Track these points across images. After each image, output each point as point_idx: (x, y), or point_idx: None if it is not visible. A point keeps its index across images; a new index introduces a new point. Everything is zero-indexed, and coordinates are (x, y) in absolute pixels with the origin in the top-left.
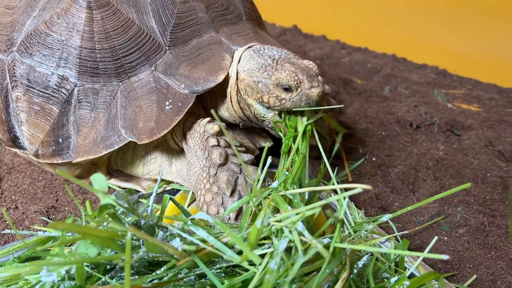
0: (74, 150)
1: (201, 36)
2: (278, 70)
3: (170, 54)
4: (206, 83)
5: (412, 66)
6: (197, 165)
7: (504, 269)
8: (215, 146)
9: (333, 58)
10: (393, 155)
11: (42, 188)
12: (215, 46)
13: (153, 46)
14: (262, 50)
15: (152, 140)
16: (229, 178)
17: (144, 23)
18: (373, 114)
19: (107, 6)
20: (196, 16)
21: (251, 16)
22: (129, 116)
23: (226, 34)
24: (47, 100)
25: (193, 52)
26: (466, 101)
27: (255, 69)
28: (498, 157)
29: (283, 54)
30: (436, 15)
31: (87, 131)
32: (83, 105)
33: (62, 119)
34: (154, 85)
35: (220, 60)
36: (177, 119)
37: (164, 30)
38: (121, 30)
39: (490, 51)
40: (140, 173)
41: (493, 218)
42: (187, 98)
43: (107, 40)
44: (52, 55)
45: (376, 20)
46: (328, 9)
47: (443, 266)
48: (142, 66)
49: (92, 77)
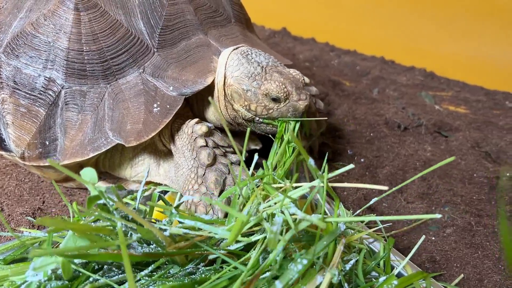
0: (61, 153)
1: (189, 38)
2: (267, 80)
3: (159, 56)
4: (194, 85)
5: (400, 68)
6: (185, 166)
7: (490, 268)
8: (203, 146)
9: (322, 61)
10: (381, 156)
11: (28, 190)
12: (203, 48)
13: (141, 48)
14: (250, 55)
15: (139, 142)
16: (218, 178)
17: (132, 25)
18: (361, 115)
19: (95, 8)
20: (185, 18)
21: (240, 19)
22: (116, 118)
23: (214, 36)
24: (33, 102)
25: (182, 54)
26: (453, 103)
27: (244, 76)
28: (485, 158)
29: (270, 62)
30: (424, 18)
31: (74, 133)
32: (70, 107)
33: (49, 121)
34: (142, 87)
35: (208, 62)
36: (165, 121)
37: (153, 32)
38: (109, 32)
39: (477, 54)
40: (128, 175)
41: (480, 218)
42: (175, 101)
43: (94, 42)
44: (38, 56)
45: (364, 23)
46: (317, 12)
47: (431, 265)
48: (130, 68)
49: (80, 79)
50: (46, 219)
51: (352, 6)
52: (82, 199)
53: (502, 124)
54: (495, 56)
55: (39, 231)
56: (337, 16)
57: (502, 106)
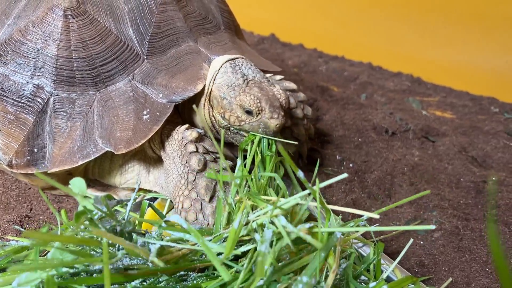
0: (50, 160)
1: (179, 45)
2: (244, 93)
3: (148, 63)
4: (184, 92)
5: (388, 74)
6: (175, 172)
7: (478, 271)
8: (194, 152)
9: (310, 66)
10: (369, 161)
11: (15, 198)
12: (193, 55)
13: (130, 55)
14: (238, 67)
15: (129, 150)
16: (208, 184)
17: (121, 32)
18: (349, 121)
19: (84, 15)
20: (174, 26)
21: (229, 26)
22: (106, 126)
23: (204, 44)
24: (21, 110)
25: (171, 62)
26: (440, 108)
27: (225, 85)
28: (471, 163)
29: (257, 76)
30: (410, 25)
31: (63, 141)
32: (59, 114)
33: (37, 129)
34: (131, 94)
35: (198, 69)
36: (155, 128)
37: (142, 39)
38: (98, 39)
39: (462, 60)
40: (117, 183)
41: (467, 222)
42: (165, 108)
43: (84, 49)
44: (27, 63)
45: (352, 30)
46: (306, 18)
47: (420, 269)
48: (120, 75)
49: (69, 86)
50: (32, 233)
51: (340, 13)
52: (71, 206)
53: (487, 129)
54: (479, 62)
55: (26, 240)
56: (325, 23)
57: (487, 111)
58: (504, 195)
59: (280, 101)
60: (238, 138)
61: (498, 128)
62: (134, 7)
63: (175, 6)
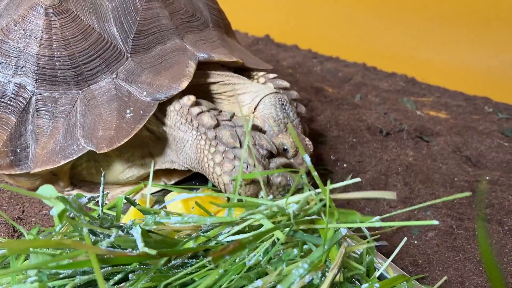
0: (33, 160)
1: (165, 43)
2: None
3: (132, 61)
4: (169, 90)
5: (382, 74)
6: (188, 138)
7: (472, 270)
8: (201, 112)
9: (305, 67)
10: (363, 161)
11: (7, 200)
12: (179, 53)
13: (114, 54)
14: (284, 105)
15: (111, 149)
16: (231, 132)
17: (105, 30)
18: (344, 121)
19: (66, 13)
20: (160, 23)
21: (218, 24)
22: (88, 125)
23: (191, 41)
24: (4, 110)
25: (157, 59)
26: (434, 108)
27: (271, 118)
28: (466, 162)
29: (295, 120)
30: (404, 25)
31: (46, 141)
32: (41, 114)
33: (20, 129)
34: (115, 92)
35: (183, 67)
36: (138, 127)
37: (126, 37)
38: (80, 37)
39: (456, 60)
40: (121, 179)
41: (461, 221)
42: (149, 106)
43: (66, 47)
44: (8, 63)
45: (347, 30)
46: (300, 19)
47: (414, 269)
48: (103, 73)
49: (51, 85)
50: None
51: (334, 14)
52: None
53: (481, 129)
54: (473, 63)
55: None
56: (320, 24)
57: (481, 111)
58: (498, 194)
59: (310, 151)
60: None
61: (492, 128)
62: (118, 5)
63: (161, 3)
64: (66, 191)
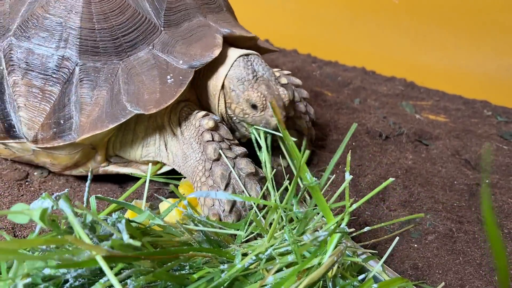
0: (77, 130)
1: (191, 20)
2: (253, 88)
3: (166, 34)
4: (202, 58)
5: (381, 78)
6: (192, 157)
7: (472, 274)
8: (210, 141)
9: (304, 71)
10: (363, 165)
11: (8, 204)
12: (205, 28)
13: (149, 27)
14: (250, 62)
15: (159, 109)
16: (223, 172)
17: (139, 6)
18: (343, 125)
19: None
20: (185, 2)
21: (229, 9)
22: (132, 91)
23: (212, 20)
24: (46, 82)
25: (186, 33)
26: (433, 112)
27: (235, 78)
28: (465, 166)
29: (266, 74)
30: (403, 30)
31: (91, 109)
32: (84, 83)
33: (63, 100)
34: (153, 62)
35: (212, 39)
36: (180, 90)
37: (158, 13)
38: (118, 12)
39: (455, 64)
40: (138, 156)
41: (461, 224)
42: (186, 73)
43: (105, 20)
44: (51, 37)
45: (346, 35)
46: (299, 24)
47: (414, 272)
48: (141, 45)
49: (93, 56)
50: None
51: (334, 19)
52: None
53: (480, 132)
54: (472, 66)
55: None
56: (319, 28)
57: (480, 115)
58: (497, 197)
59: (284, 101)
60: (243, 131)
61: (491, 131)
62: None
63: None
64: (102, 166)
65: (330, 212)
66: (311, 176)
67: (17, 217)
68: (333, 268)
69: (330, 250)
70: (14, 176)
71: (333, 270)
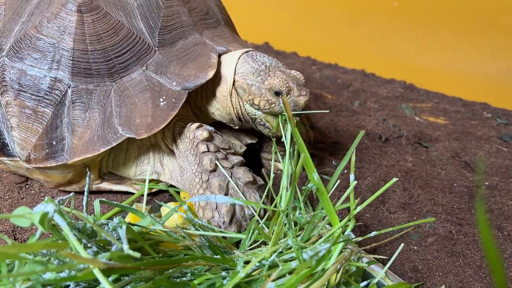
0: (69, 151)
1: (186, 38)
2: (271, 76)
3: (160, 54)
4: (196, 79)
5: (381, 81)
6: (189, 170)
7: (472, 276)
8: (205, 152)
9: (304, 74)
10: (363, 167)
11: (8, 207)
12: (200, 46)
13: (143, 47)
14: (255, 56)
15: (150, 134)
16: (221, 183)
17: (133, 26)
18: (343, 127)
19: (97, 10)
20: (181, 20)
21: (227, 22)
22: (124, 114)
23: (208, 36)
24: (39, 103)
25: (181, 52)
26: (433, 114)
27: (250, 72)
28: (464, 168)
29: (273, 62)
30: (402, 32)
31: (83, 131)
32: (77, 105)
33: (56, 121)
34: (146, 83)
35: (207, 58)
36: (172, 113)
37: (152, 32)
38: (111, 32)
39: (455, 66)
40: (132, 174)
41: (461, 226)
42: (179, 95)
43: (99, 41)
44: (44, 58)
45: (345, 37)
46: (299, 26)
47: (414, 275)
48: (134, 66)
49: (86, 78)
50: None
51: (333, 21)
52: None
53: (480, 134)
54: (471, 68)
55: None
56: (319, 31)
57: (479, 117)
58: (497, 199)
59: (301, 80)
60: (262, 128)
61: (490, 133)
62: (143, 2)
63: (179, 1)
64: (95, 184)
65: (336, 216)
66: (318, 177)
67: (19, 220)
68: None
69: (334, 257)
70: (14, 179)
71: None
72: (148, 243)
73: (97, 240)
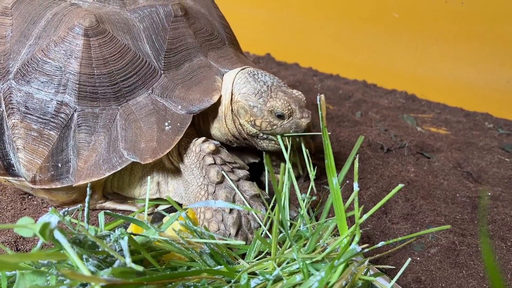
0: (74, 174)
1: (191, 60)
2: (273, 98)
3: (165, 77)
4: (201, 103)
5: (382, 91)
6: (194, 183)
7: (475, 287)
8: (212, 164)
9: (305, 85)
10: (365, 178)
11: (10, 218)
12: (205, 69)
13: (149, 71)
14: (256, 75)
15: (155, 159)
16: (228, 195)
17: (139, 49)
18: (345, 138)
19: (104, 34)
20: (186, 42)
21: (231, 41)
22: (130, 138)
23: (213, 58)
24: (45, 126)
25: (186, 75)
26: (434, 125)
27: (251, 93)
28: (467, 178)
29: (275, 82)
30: (404, 42)
31: (88, 154)
32: (82, 129)
33: (62, 144)
34: (152, 107)
35: (212, 82)
36: (177, 138)
37: (158, 55)
38: (118, 56)
39: (456, 77)
40: (137, 194)
41: (463, 237)
42: (184, 119)
43: (105, 65)
44: (50, 81)
45: (347, 48)
46: (300, 38)
47: (417, 286)
48: (140, 89)
49: (92, 102)
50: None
51: (335, 32)
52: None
53: (482, 145)
54: (473, 79)
55: None
56: (320, 42)
57: (481, 127)
58: (500, 210)
59: (302, 101)
60: (264, 145)
61: (492, 143)
62: (149, 25)
63: (185, 23)
64: (99, 203)
65: (345, 225)
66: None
67: (22, 231)
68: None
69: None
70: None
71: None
72: (150, 254)
73: (99, 251)
